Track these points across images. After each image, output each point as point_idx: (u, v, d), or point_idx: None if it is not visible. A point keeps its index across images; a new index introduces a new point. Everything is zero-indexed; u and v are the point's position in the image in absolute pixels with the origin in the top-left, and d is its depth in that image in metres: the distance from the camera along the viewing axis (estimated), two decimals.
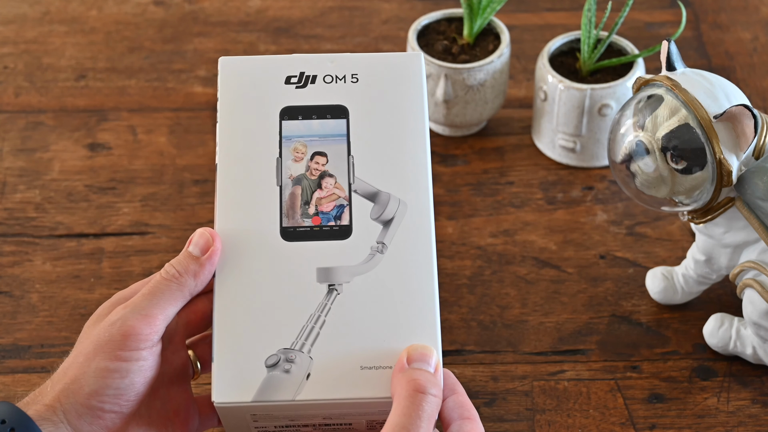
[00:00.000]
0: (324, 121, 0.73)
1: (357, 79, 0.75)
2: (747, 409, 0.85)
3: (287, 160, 0.72)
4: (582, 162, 1.02)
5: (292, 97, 0.74)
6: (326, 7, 1.19)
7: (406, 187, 0.72)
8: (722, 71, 1.09)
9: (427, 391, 0.66)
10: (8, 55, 1.14)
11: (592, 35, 0.98)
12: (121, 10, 1.19)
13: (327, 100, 0.74)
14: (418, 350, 0.68)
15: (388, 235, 0.70)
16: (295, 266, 0.69)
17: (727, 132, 0.79)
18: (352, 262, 0.70)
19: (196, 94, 1.10)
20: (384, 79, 0.75)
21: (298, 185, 0.72)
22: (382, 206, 0.71)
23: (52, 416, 0.67)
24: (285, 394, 0.66)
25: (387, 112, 0.74)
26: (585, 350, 0.89)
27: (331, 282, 0.69)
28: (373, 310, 0.69)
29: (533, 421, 0.84)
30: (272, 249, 0.70)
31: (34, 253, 0.96)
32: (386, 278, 0.69)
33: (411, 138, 0.73)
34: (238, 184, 0.72)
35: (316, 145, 0.72)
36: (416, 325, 0.69)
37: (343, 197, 0.71)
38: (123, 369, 0.67)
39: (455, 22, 1.04)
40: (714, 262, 0.86)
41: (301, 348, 0.67)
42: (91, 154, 1.04)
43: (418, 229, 0.70)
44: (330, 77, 0.74)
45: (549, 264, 0.95)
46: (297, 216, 0.71)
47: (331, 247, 0.70)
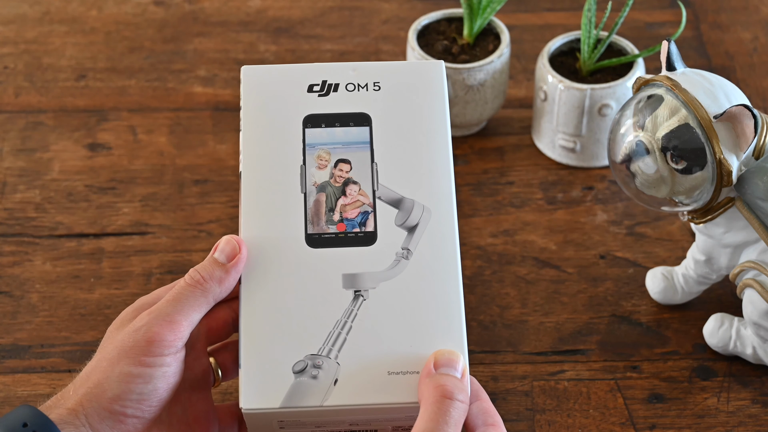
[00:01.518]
0: (347, 129, 0.73)
1: (379, 87, 0.75)
2: (747, 409, 0.85)
3: (311, 168, 0.72)
4: (582, 162, 1.02)
5: (314, 105, 0.74)
6: (326, 7, 1.19)
7: (429, 193, 0.72)
8: (722, 71, 1.09)
9: (455, 397, 0.66)
10: (8, 55, 1.14)
11: (592, 35, 0.98)
12: (121, 10, 1.19)
13: (350, 108, 0.74)
14: (445, 355, 0.68)
15: (413, 241, 0.71)
16: (321, 273, 0.70)
17: (727, 132, 0.79)
18: (378, 268, 0.70)
19: (196, 94, 1.10)
20: (406, 87, 0.75)
21: (322, 192, 0.72)
22: (407, 213, 0.71)
23: (74, 420, 0.67)
24: (313, 399, 0.67)
25: (409, 119, 0.74)
26: (585, 350, 0.89)
27: (357, 288, 0.69)
28: (400, 316, 0.69)
29: (533, 421, 0.84)
30: (297, 256, 0.70)
31: (34, 253, 0.96)
32: (412, 284, 0.70)
33: (434, 145, 0.73)
34: (263, 192, 0.72)
35: (339, 152, 0.73)
36: (443, 330, 0.69)
37: (367, 204, 0.72)
38: (146, 374, 0.67)
39: (455, 22, 1.04)
40: (714, 262, 0.86)
41: (328, 354, 0.68)
42: (91, 154, 1.04)
43: (443, 235, 0.71)
44: (352, 85, 0.75)
45: (549, 264, 0.95)
46: (322, 223, 0.71)
47: (357, 254, 0.70)
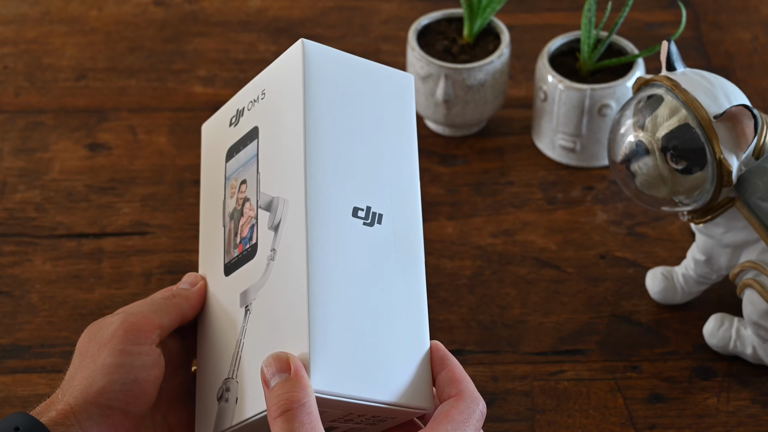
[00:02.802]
0: (246, 149, 0.72)
1: (264, 94, 0.72)
2: (747, 409, 0.85)
3: (227, 199, 0.73)
4: (582, 162, 1.02)
5: (231, 137, 0.74)
6: (326, 7, 1.19)
7: (285, 184, 0.67)
8: (722, 71, 1.09)
9: (289, 408, 0.62)
10: (8, 55, 1.14)
11: (592, 35, 0.98)
12: (121, 10, 1.19)
13: (247, 128, 0.73)
14: (267, 364, 0.64)
15: (277, 239, 0.67)
16: (230, 298, 0.71)
17: (727, 132, 0.79)
18: (257, 278, 0.68)
19: (196, 94, 1.10)
20: (276, 87, 0.71)
21: (232, 220, 0.72)
22: (274, 211, 0.68)
23: (65, 420, 0.68)
24: (226, 422, 0.69)
25: (277, 116, 0.70)
26: (585, 350, 0.89)
27: (246, 303, 0.69)
28: (272, 321, 0.67)
29: (533, 421, 0.84)
30: (218, 286, 0.73)
31: (34, 253, 0.96)
32: (277, 284, 0.67)
33: (290, 135, 0.68)
34: (206, 234, 0.75)
35: (242, 174, 0.72)
36: (290, 327, 0.65)
37: (254, 216, 0.70)
38: (127, 364, 0.68)
39: (455, 22, 1.04)
40: (714, 262, 0.86)
41: (232, 375, 0.69)
42: (91, 154, 1.04)
43: (294, 225, 0.66)
44: (251, 103, 0.73)
45: (549, 264, 0.95)
46: (231, 249, 0.72)
47: (246, 270, 0.70)
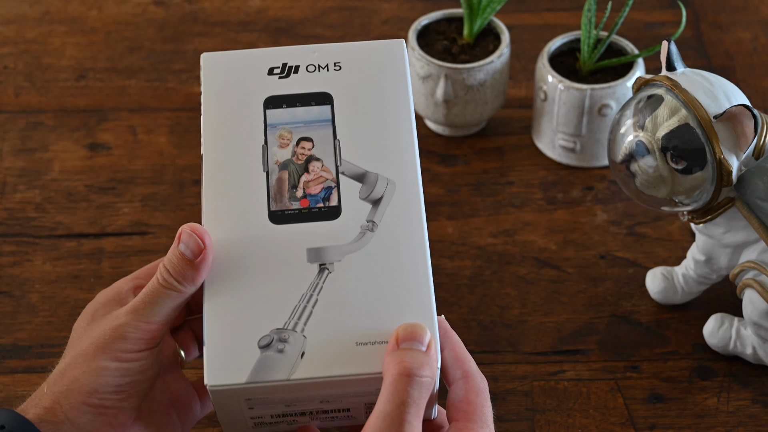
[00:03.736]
0: (309, 108, 0.74)
1: (340, 67, 0.75)
2: (747, 409, 0.85)
3: (273, 147, 0.73)
4: (582, 162, 1.02)
5: (275, 87, 0.74)
6: (326, 7, 1.19)
7: (394, 167, 0.72)
8: (722, 71, 1.09)
9: (415, 373, 0.63)
10: (8, 55, 1.14)
11: (592, 35, 0.98)
12: (121, 10, 1.19)
13: (310, 89, 0.74)
14: (408, 330, 0.65)
15: (378, 213, 0.71)
16: (285, 248, 0.70)
17: (727, 132, 0.79)
18: (343, 242, 0.70)
19: (196, 94, 1.10)
20: (367, 66, 0.75)
21: (284, 170, 0.72)
22: (371, 186, 0.72)
23: (52, 417, 0.67)
24: (279, 373, 0.66)
25: (371, 97, 0.74)
26: (585, 350, 0.89)
27: (322, 261, 0.69)
28: (367, 287, 0.68)
29: (533, 421, 0.84)
30: (261, 233, 0.70)
31: (34, 253, 0.96)
32: (378, 255, 0.69)
33: (396, 121, 0.73)
34: (225, 173, 0.72)
35: (301, 131, 0.73)
36: (411, 302, 0.68)
37: (330, 179, 0.72)
38: (123, 368, 0.68)
39: (455, 22, 1.04)
40: (714, 262, 0.86)
41: (294, 327, 0.67)
42: (91, 154, 1.04)
43: (409, 208, 0.71)
44: (313, 66, 0.75)
45: (549, 264, 0.95)
46: (285, 199, 0.71)
47: (321, 228, 0.70)
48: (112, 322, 0.68)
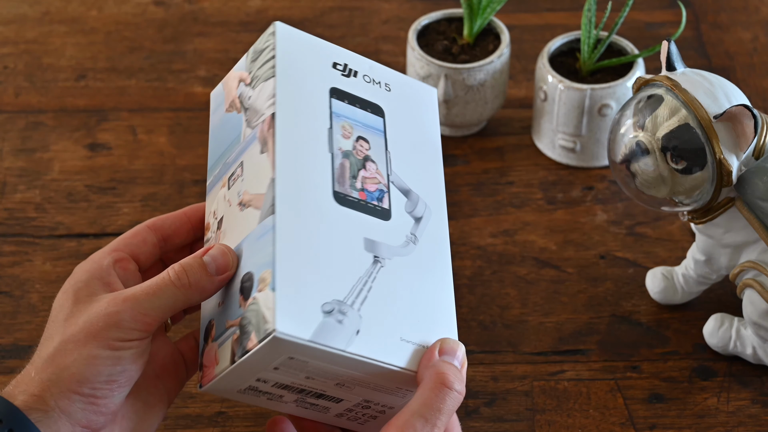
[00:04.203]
0: (365, 113, 0.76)
1: (390, 89, 0.78)
2: (747, 409, 0.85)
3: (337, 134, 0.74)
4: (582, 162, 1.02)
5: (338, 81, 0.76)
6: (326, 7, 1.19)
7: (427, 197, 0.76)
8: (722, 71, 1.09)
9: (453, 387, 0.67)
10: (8, 55, 1.14)
11: (592, 35, 0.98)
12: (121, 10, 1.19)
13: (367, 96, 0.77)
14: (450, 344, 0.69)
15: (419, 230, 0.74)
16: (345, 229, 0.71)
17: (727, 132, 0.79)
18: (393, 244, 0.72)
19: (196, 94, 1.10)
20: (409, 99, 0.79)
21: (346, 159, 0.74)
22: (414, 203, 0.75)
23: (42, 405, 0.65)
24: (338, 342, 0.67)
25: (411, 128, 0.78)
26: (585, 350, 0.89)
27: (376, 254, 0.71)
28: (409, 292, 0.71)
29: (533, 421, 0.84)
30: (326, 207, 0.71)
31: (34, 253, 0.96)
32: (418, 268, 0.72)
33: (430, 157, 0.77)
34: (296, 138, 0.73)
35: (360, 130, 0.75)
36: (442, 320, 0.72)
37: (383, 183, 0.74)
38: (115, 357, 0.66)
39: (455, 22, 1.04)
40: (714, 262, 0.86)
41: (352, 304, 0.69)
42: (91, 154, 1.04)
43: (438, 237, 0.74)
44: (368, 78, 0.78)
45: (549, 264, 0.95)
46: (346, 185, 0.73)
47: (375, 224, 0.72)
48: (106, 307, 0.67)
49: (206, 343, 0.71)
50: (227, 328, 0.69)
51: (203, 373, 0.70)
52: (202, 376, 0.70)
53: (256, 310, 0.67)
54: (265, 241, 0.69)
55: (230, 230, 0.72)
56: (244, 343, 0.67)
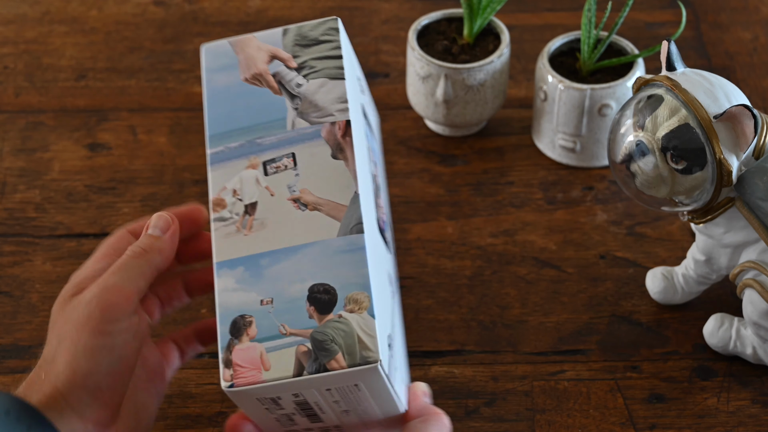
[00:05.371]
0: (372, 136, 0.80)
1: None
2: (747, 409, 0.85)
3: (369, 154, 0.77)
4: (582, 162, 1.02)
5: (359, 94, 0.78)
6: (326, 7, 1.19)
7: None
8: (722, 71, 1.09)
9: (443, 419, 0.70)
10: (8, 55, 1.14)
11: (592, 35, 0.98)
12: (121, 10, 1.19)
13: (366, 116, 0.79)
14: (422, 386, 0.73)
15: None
16: (381, 260, 0.72)
17: (727, 132, 0.79)
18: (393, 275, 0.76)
19: (196, 94, 1.10)
20: None
21: (373, 184, 0.75)
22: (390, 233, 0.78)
23: (55, 404, 0.67)
24: (391, 376, 0.68)
25: None
26: (585, 350, 0.89)
27: (392, 288, 0.75)
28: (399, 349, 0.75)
29: (533, 421, 0.84)
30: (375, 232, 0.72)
31: (34, 253, 0.96)
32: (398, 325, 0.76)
33: None
34: (361, 152, 0.73)
35: (373, 155, 0.78)
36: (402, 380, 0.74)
37: (384, 212, 0.77)
38: (109, 345, 0.68)
39: (455, 22, 1.04)
40: (714, 262, 0.86)
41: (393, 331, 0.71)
42: (91, 154, 1.04)
43: None
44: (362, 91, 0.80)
45: (549, 264, 0.95)
46: (377, 209, 0.75)
47: (387, 258, 0.76)
48: (85, 297, 0.69)
49: (237, 339, 0.66)
50: (283, 334, 0.65)
51: (236, 373, 0.65)
52: (234, 375, 0.65)
53: (345, 331, 0.65)
54: (354, 260, 0.66)
55: (276, 223, 0.68)
56: (321, 360, 0.64)
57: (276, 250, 0.67)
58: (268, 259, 0.67)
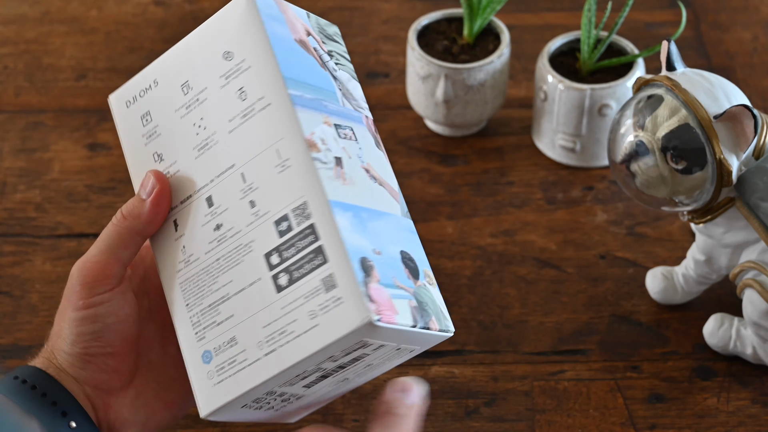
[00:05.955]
0: None
1: None
2: (747, 409, 0.85)
3: None
4: (582, 162, 1.02)
5: None
6: (326, 7, 1.19)
7: None
8: (722, 71, 1.09)
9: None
10: (8, 55, 1.14)
11: (592, 35, 0.98)
12: (121, 10, 1.19)
13: None
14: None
15: None
16: None
17: (727, 132, 0.79)
18: None
19: None
20: None
21: None
22: None
23: (55, 370, 0.71)
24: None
25: None
26: (585, 350, 0.89)
27: None
28: None
29: (533, 421, 0.84)
30: None
31: (34, 253, 0.96)
32: None
33: None
34: None
35: None
36: None
37: None
38: (90, 315, 0.70)
39: (455, 22, 1.04)
40: (714, 262, 0.86)
41: None
42: (91, 154, 1.04)
43: None
44: None
45: (549, 264, 0.95)
46: None
47: None
48: (72, 274, 0.71)
49: (368, 276, 0.65)
50: (397, 287, 0.66)
51: (379, 307, 0.64)
52: (379, 311, 0.64)
53: (431, 299, 0.68)
54: (415, 241, 0.70)
55: (360, 185, 0.69)
56: (426, 319, 0.67)
57: (369, 208, 0.68)
58: (366, 214, 0.67)
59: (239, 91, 0.70)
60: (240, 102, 0.70)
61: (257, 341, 0.66)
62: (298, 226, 0.66)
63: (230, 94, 0.70)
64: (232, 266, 0.68)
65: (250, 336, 0.66)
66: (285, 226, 0.67)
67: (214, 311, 0.68)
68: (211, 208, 0.70)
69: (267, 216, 0.67)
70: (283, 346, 0.65)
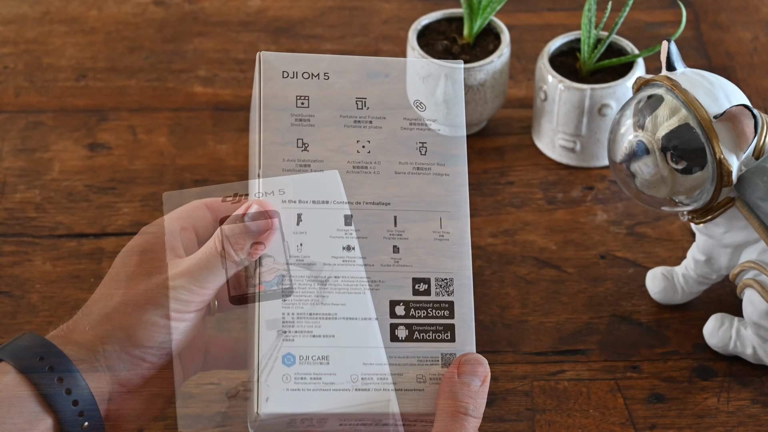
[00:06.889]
0: None
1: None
2: (747, 409, 0.85)
3: None
4: (582, 162, 1.02)
5: None
6: (326, 7, 1.19)
7: None
8: (722, 71, 1.09)
9: (469, 413, 0.68)
10: (8, 55, 1.14)
11: (592, 35, 0.98)
12: (121, 10, 1.19)
13: None
14: (470, 362, 0.70)
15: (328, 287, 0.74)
16: None
17: (727, 132, 0.79)
18: None
19: (196, 94, 1.10)
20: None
21: None
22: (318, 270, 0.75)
23: (90, 357, 0.69)
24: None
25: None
26: (585, 350, 0.89)
27: None
28: None
29: (533, 421, 0.84)
30: None
31: (34, 253, 0.96)
32: None
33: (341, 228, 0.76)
34: None
35: None
36: None
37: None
38: (173, 327, 0.69)
39: (455, 22, 1.04)
40: (714, 262, 0.86)
41: None
42: (91, 154, 1.04)
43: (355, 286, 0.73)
44: None
45: (549, 264, 0.95)
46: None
47: None
48: (168, 278, 0.69)
49: None
50: None
51: None
52: None
53: None
54: None
55: None
56: None
57: None
58: None
59: (420, 144, 0.75)
60: (418, 154, 0.74)
61: (351, 373, 0.68)
62: (436, 296, 0.71)
63: (409, 140, 0.74)
64: (350, 291, 0.70)
65: (346, 365, 0.69)
66: (423, 287, 0.71)
67: (313, 322, 0.70)
68: (348, 227, 0.72)
69: (408, 269, 0.71)
70: (378, 391, 0.68)
